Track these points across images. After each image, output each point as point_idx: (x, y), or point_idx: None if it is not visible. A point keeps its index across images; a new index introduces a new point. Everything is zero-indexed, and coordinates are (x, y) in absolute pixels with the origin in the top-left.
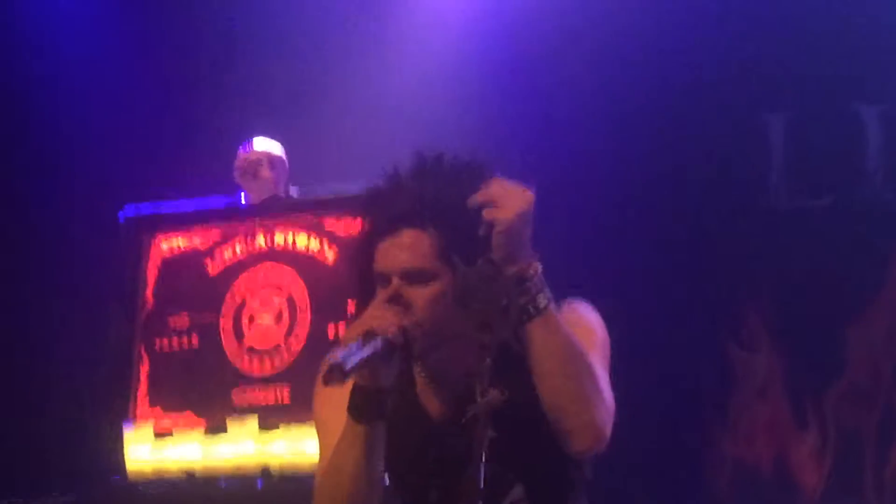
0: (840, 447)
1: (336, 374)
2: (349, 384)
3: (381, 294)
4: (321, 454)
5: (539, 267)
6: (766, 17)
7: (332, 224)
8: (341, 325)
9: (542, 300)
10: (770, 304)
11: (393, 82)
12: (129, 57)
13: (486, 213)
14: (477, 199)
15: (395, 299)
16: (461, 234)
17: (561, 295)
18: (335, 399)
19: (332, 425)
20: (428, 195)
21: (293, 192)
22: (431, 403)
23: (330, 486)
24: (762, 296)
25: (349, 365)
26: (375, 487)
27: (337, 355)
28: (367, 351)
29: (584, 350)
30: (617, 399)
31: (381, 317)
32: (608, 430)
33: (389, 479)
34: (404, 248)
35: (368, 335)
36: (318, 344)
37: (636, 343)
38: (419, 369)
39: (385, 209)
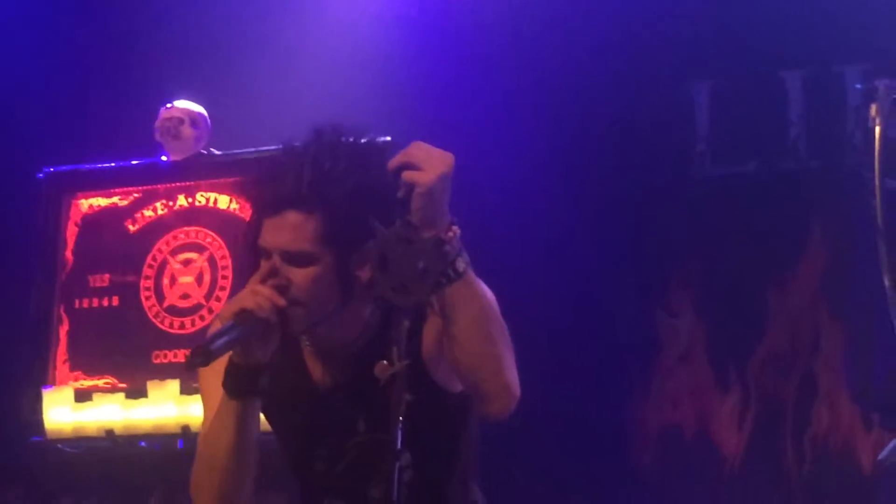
0: (761, 412)
1: (201, 356)
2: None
3: (263, 267)
4: (203, 422)
5: (457, 230)
6: None
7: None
8: None
9: (460, 264)
10: (694, 269)
11: (316, 46)
12: (48, 18)
13: (406, 175)
14: (396, 160)
15: (273, 275)
16: (347, 219)
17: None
18: (217, 369)
19: (213, 394)
20: (317, 178)
21: (215, 151)
22: (317, 371)
23: (207, 456)
24: (686, 261)
25: (215, 345)
26: (249, 459)
27: (207, 336)
28: (235, 332)
29: (498, 313)
30: (540, 365)
31: (257, 293)
32: (519, 391)
33: (279, 446)
34: (286, 229)
35: (242, 314)
36: None
37: (560, 309)
38: (304, 340)
39: (272, 188)
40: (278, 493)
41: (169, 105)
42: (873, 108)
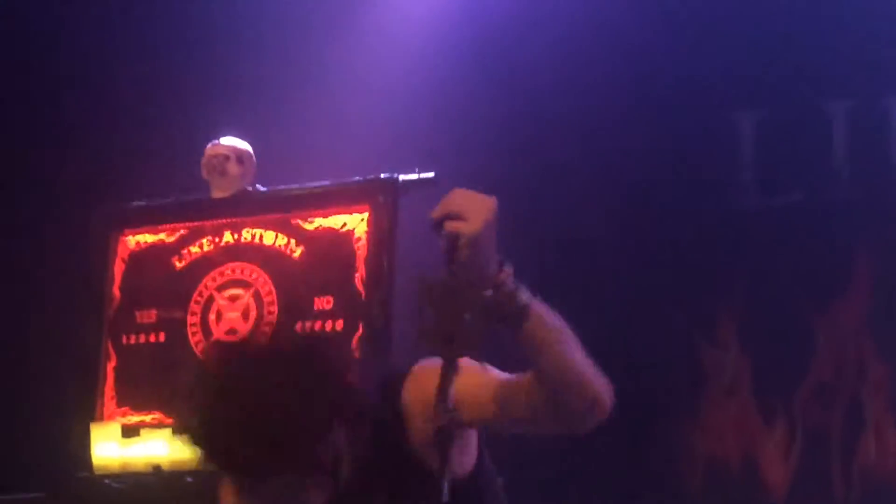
0: (807, 443)
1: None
2: None
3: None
4: None
5: (511, 269)
6: (734, 17)
7: (299, 221)
8: (309, 323)
9: (522, 299)
10: (740, 302)
11: (360, 82)
12: (99, 59)
13: (449, 227)
14: (438, 212)
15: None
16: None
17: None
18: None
19: None
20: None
21: (261, 188)
22: None
23: None
24: (732, 294)
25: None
26: None
27: None
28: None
29: (571, 333)
30: None
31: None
32: (610, 397)
33: None
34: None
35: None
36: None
37: (608, 342)
38: None
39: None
40: None
41: (215, 142)
42: None
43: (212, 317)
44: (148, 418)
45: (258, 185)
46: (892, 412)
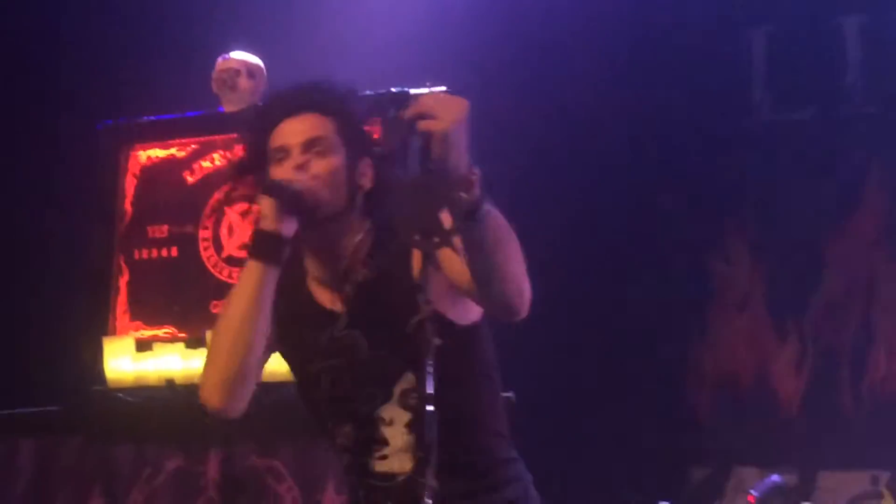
0: (818, 359)
1: (274, 187)
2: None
3: (284, 165)
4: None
5: (478, 173)
6: None
7: None
8: None
9: (485, 205)
10: (752, 218)
11: (373, 3)
12: None
13: (421, 125)
14: (410, 111)
15: (301, 168)
16: (357, 127)
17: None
18: None
19: None
20: (333, 92)
21: None
22: (321, 295)
23: (223, 319)
24: (744, 210)
25: (284, 183)
26: (260, 326)
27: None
28: (287, 187)
29: (510, 230)
30: (598, 312)
31: (289, 173)
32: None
33: (292, 372)
34: (306, 122)
35: (283, 183)
36: None
37: (618, 255)
38: (308, 260)
39: (293, 95)
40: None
41: (226, 56)
42: None
43: (223, 231)
44: (161, 332)
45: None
46: None
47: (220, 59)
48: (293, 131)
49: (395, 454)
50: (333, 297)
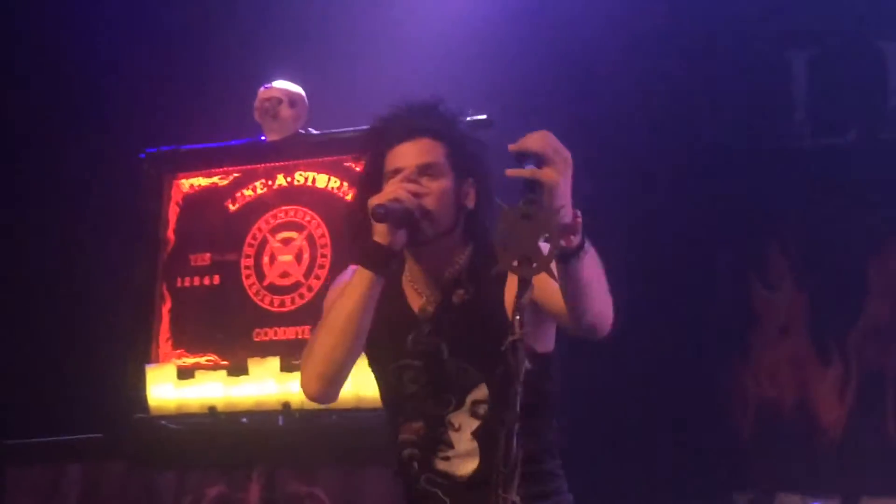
0: (862, 384)
1: (380, 211)
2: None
3: (402, 175)
4: (323, 318)
5: (580, 217)
6: None
7: (351, 163)
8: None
9: (585, 245)
10: (793, 242)
11: (411, 27)
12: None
13: (534, 174)
14: (520, 146)
15: (412, 181)
16: (465, 151)
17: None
18: (339, 289)
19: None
20: (445, 116)
21: (313, 131)
22: (413, 300)
23: (328, 320)
24: (785, 234)
25: (389, 206)
26: (362, 328)
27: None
28: (399, 205)
29: (601, 267)
30: (639, 337)
31: (403, 188)
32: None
33: (371, 364)
34: (422, 147)
35: (393, 201)
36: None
37: (660, 281)
38: (406, 271)
39: (408, 119)
40: (382, 468)
41: (268, 85)
42: None
43: (265, 259)
44: (203, 360)
45: (310, 129)
46: None
47: (261, 89)
48: (409, 154)
49: (458, 458)
50: (425, 304)
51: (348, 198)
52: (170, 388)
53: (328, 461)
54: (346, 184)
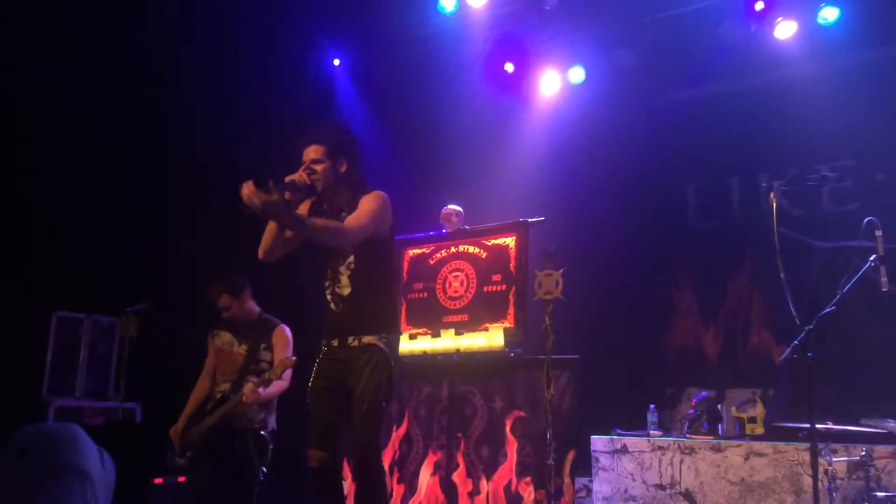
0: (725, 337)
1: (272, 186)
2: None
3: (302, 168)
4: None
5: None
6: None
7: (485, 240)
8: (490, 288)
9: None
10: (690, 279)
11: (514, 165)
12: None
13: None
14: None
15: (309, 170)
16: (339, 146)
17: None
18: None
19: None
20: (325, 133)
21: (467, 227)
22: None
23: (329, 228)
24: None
25: (286, 182)
26: (278, 238)
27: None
28: (298, 185)
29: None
30: (615, 315)
31: (301, 174)
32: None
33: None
34: (315, 150)
35: (297, 179)
36: (478, 295)
37: (626, 303)
38: (325, 205)
39: (311, 136)
40: (501, 378)
41: (446, 207)
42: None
43: (440, 285)
44: (420, 330)
45: (465, 226)
46: None
47: (444, 208)
48: (308, 153)
49: (341, 287)
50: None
51: (483, 256)
52: (405, 342)
53: (479, 376)
54: (482, 250)
